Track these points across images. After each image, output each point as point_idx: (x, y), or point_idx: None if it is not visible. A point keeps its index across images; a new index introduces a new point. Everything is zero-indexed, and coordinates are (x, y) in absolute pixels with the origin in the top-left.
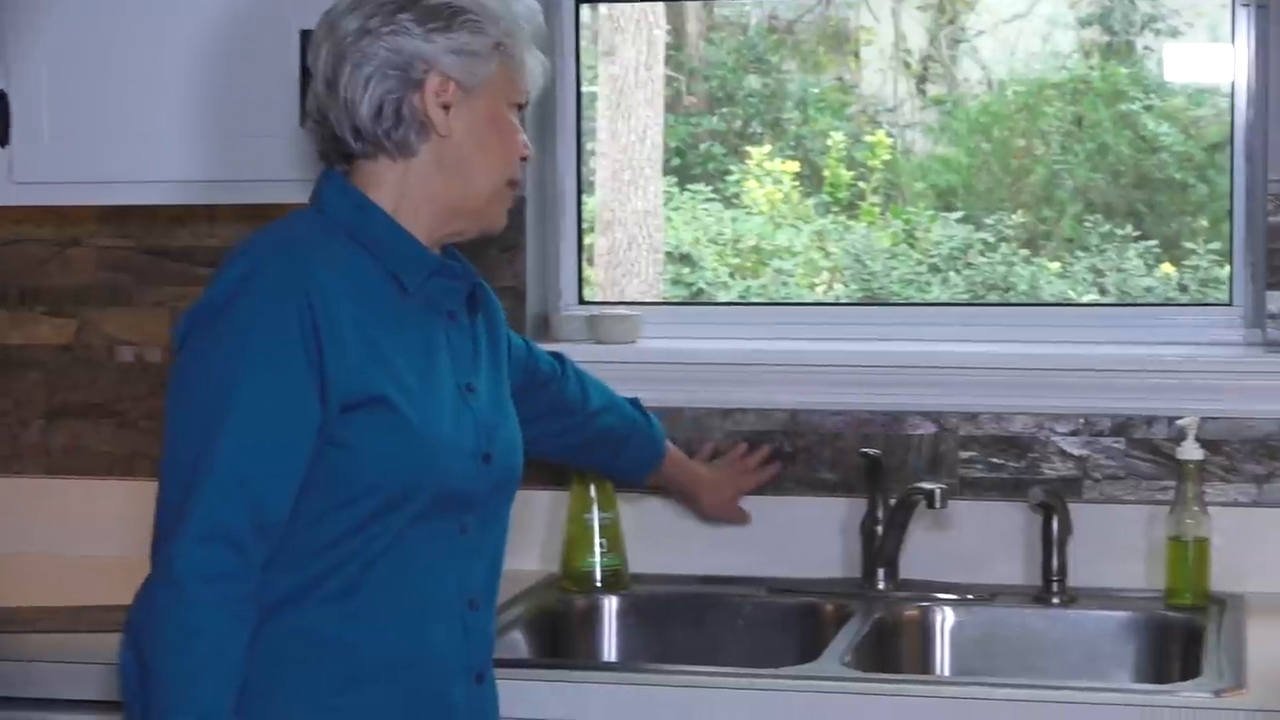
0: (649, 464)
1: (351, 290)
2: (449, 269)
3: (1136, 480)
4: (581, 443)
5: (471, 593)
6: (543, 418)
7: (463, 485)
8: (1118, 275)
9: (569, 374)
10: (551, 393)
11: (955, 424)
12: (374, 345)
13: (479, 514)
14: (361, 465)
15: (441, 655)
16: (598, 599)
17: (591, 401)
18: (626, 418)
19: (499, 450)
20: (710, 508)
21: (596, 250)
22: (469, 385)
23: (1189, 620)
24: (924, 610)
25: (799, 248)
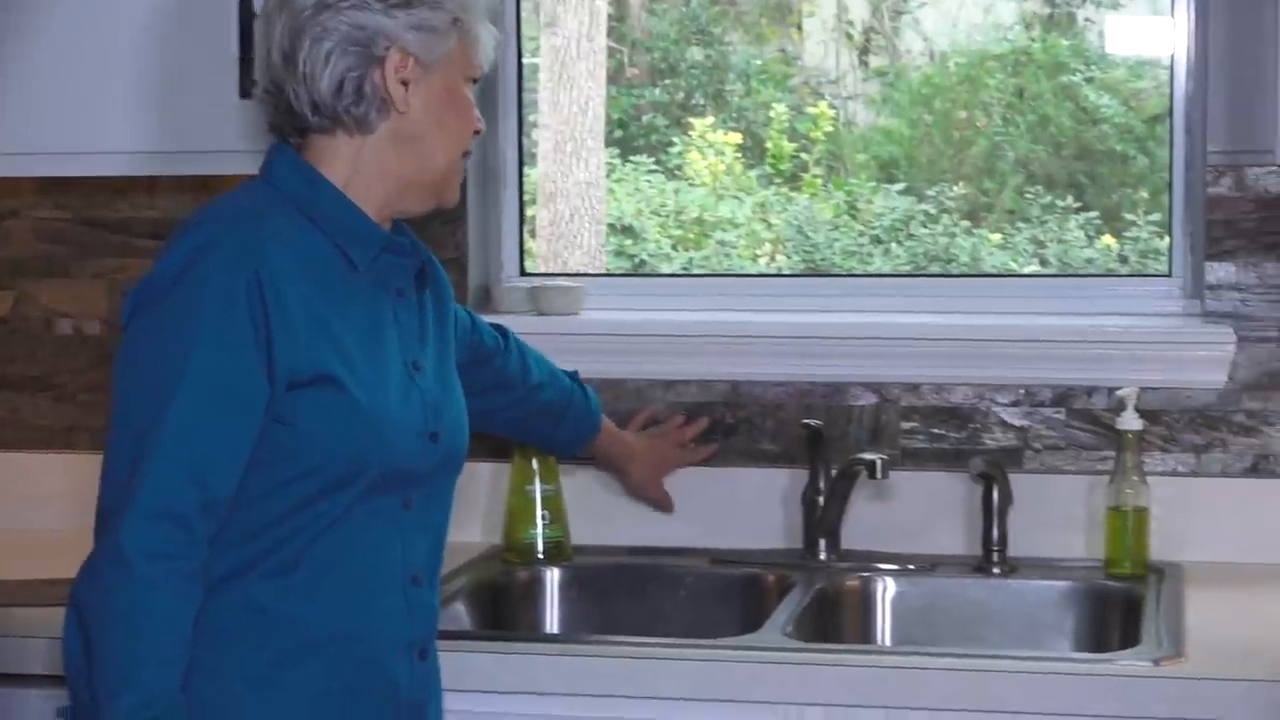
0: (584, 437)
1: (300, 266)
2: (398, 245)
3: (1076, 450)
4: (522, 416)
5: (415, 569)
6: (485, 392)
7: (409, 464)
8: (1059, 247)
9: (511, 348)
10: (494, 367)
11: (897, 395)
12: (322, 323)
13: (423, 491)
14: (307, 444)
15: (384, 631)
16: (540, 571)
17: (532, 375)
18: (565, 391)
19: (446, 429)
20: (636, 483)
21: (539, 222)
22: (416, 363)
23: (1128, 589)
24: (865, 580)
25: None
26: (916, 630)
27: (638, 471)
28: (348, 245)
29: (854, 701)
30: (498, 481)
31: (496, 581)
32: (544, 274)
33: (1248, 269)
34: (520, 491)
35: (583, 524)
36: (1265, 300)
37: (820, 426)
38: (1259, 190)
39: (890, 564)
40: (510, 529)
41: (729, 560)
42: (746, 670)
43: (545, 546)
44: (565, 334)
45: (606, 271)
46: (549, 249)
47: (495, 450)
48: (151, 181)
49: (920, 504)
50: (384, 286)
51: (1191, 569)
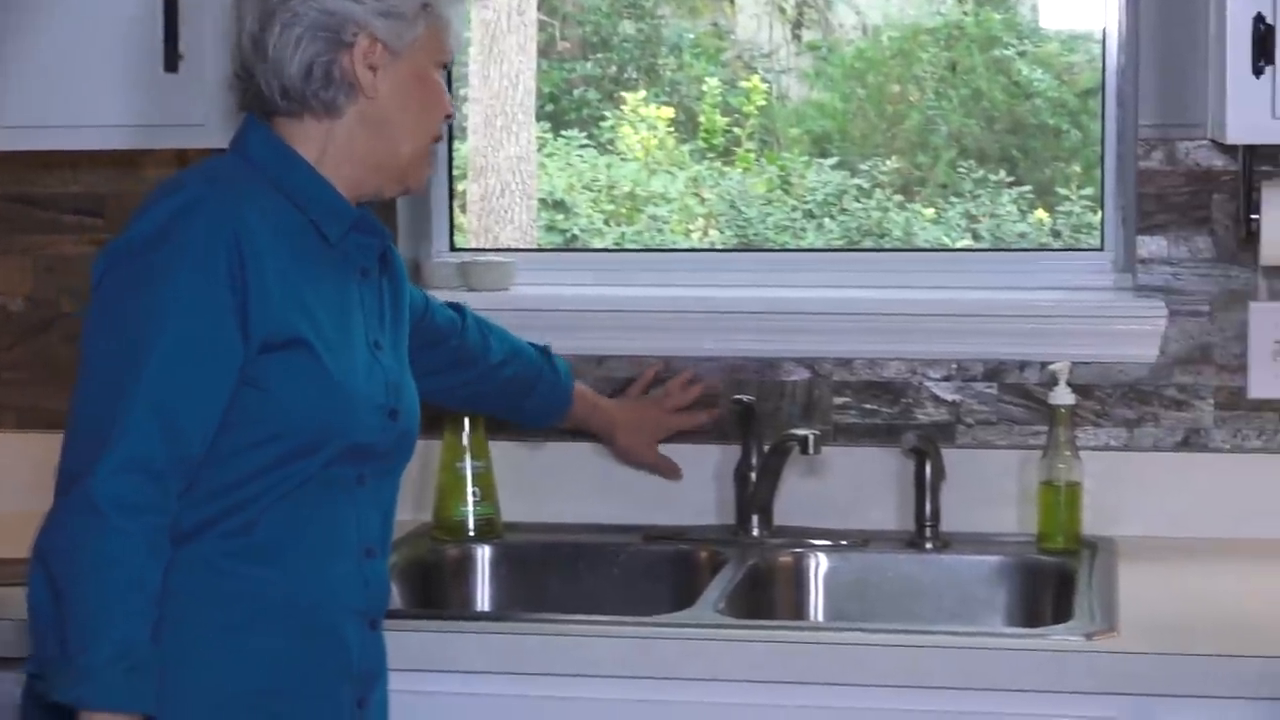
0: (556, 410)
1: (275, 234)
2: (367, 224)
3: (1009, 425)
4: (486, 393)
5: (369, 541)
6: (445, 371)
7: (370, 438)
8: (991, 221)
9: (469, 325)
10: (452, 346)
11: (829, 370)
12: (295, 290)
13: (378, 467)
14: (276, 408)
15: (339, 599)
16: (470, 548)
17: (494, 352)
18: (531, 365)
19: (404, 407)
20: (623, 452)
21: (469, 197)
22: (377, 343)
23: (1061, 564)
24: (798, 556)
25: (674, 194)
26: (849, 606)
27: (623, 439)
28: (321, 219)
29: (787, 678)
30: (428, 458)
31: (426, 559)
32: (474, 249)
33: (1179, 243)
34: (450, 468)
35: (514, 501)
36: (1196, 274)
37: (752, 402)
38: (1190, 164)
39: (823, 540)
40: (440, 506)
41: (661, 537)
42: (679, 647)
43: (476, 524)
44: (496, 310)
45: (538, 247)
46: (479, 224)
47: (425, 426)
48: (74, 157)
49: (853, 479)
50: (350, 265)
51: (1124, 543)
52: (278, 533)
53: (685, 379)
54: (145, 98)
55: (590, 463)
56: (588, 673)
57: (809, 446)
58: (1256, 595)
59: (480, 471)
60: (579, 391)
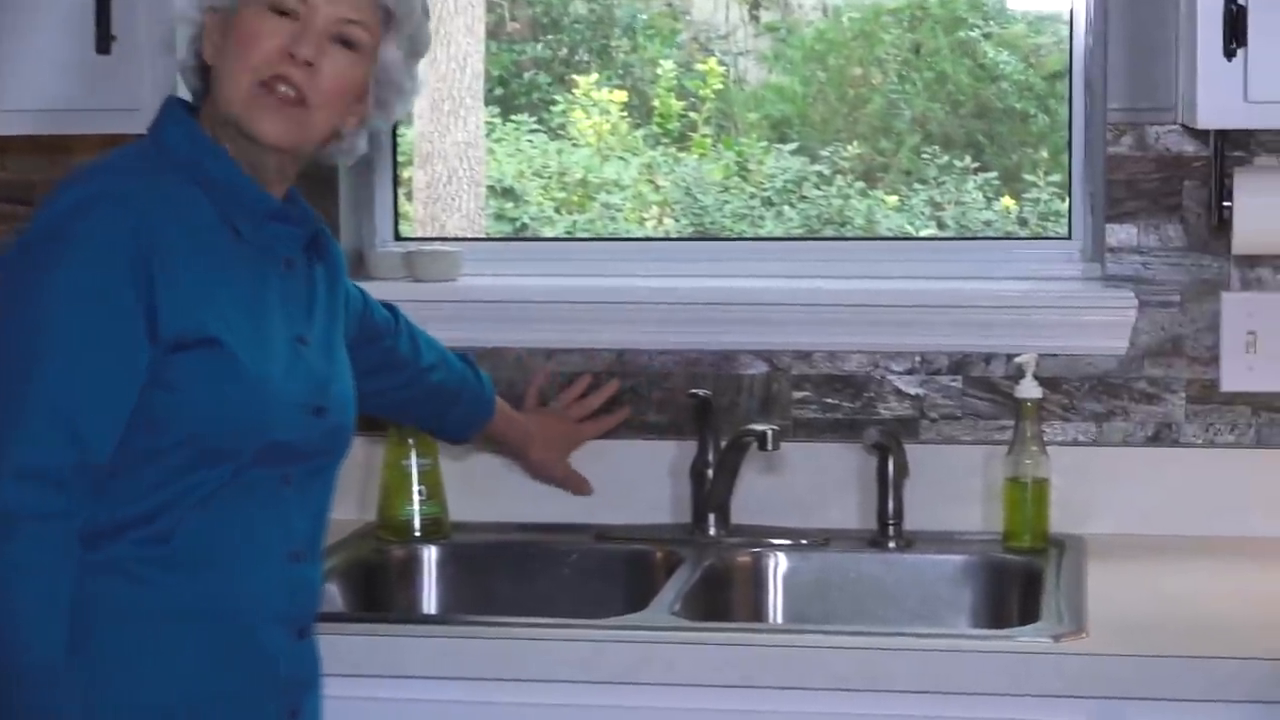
0: (477, 422)
1: (185, 230)
2: (288, 214)
3: (974, 420)
4: (411, 399)
5: (295, 545)
6: (374, 372)
7: (291, 437)
8: (956, 209)
9: (402, 328)
10: (384, 347)
11: (788, 363)
12: (207, 287)
13: (305, 467)
14: (187, 410)
15: (261, 606)
16: (416, 548)
17: (423, 357)
18: (457, 375)
19: (332, 404)
20: (537, 467)
21: (415, 184)
22: (301, 338)
23: (1028, 563)
24: (756, 556)
25: (627, 181)
26: (809, 607)
27: (536, 454)
28: (234, 213)
29: (745, 682)
30: (372, 456)
31: (370, 560)
32: (420, 239)
33: (1149, 231)
34: (395, 466)
35: (461, 499)
36: (1167, 263)
37: (709, 396)
38: (1160, 149)
39: (782, 539)
40: (385, 505)
41: (614, 537)
42: (633, 651)
43: (422, 523)
44: (442, 301)
45: (486, 236)
46: (425, 213)
47: (369, 422)
48: (4, 143)
49: (813, 476)
50: (271, 256)
51: (1093, 541)
52: (196, 539)
53: (582, 386)
54: (76, 81)
55: None
56: (538, 678)
57: (767, 442)
58: (1229, 594)
59: (426, 469)
60: (498, 404)
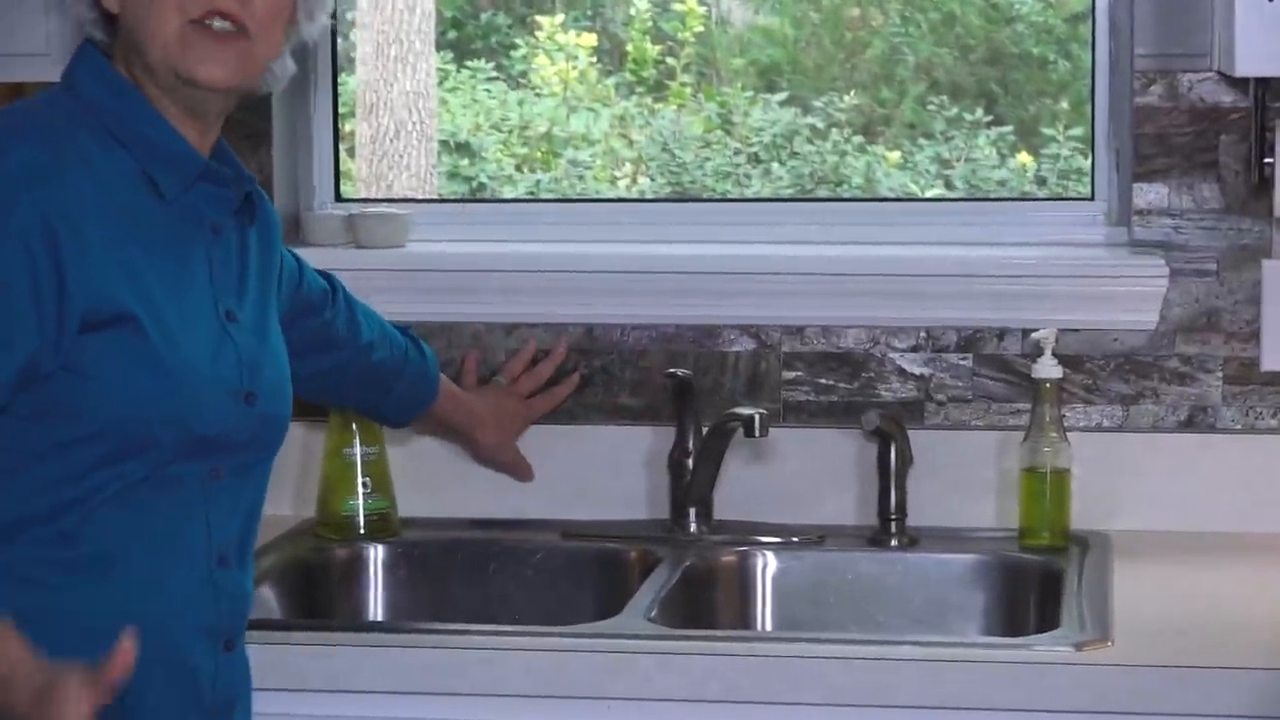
0: (419, 404)
1: (100, 191)
2: (216, 174)
3: (986, 403)
4: (348, 381)
5: (223, 547)
6: (309, 352)
7: (218, 428)
8: (966, 166)
9: (340, 301)
10: (321, 322)
11: (777, 339)
12: (123, 257)
13: (235, 460)
14: (99, 399)
15: (183, 616)
16: (361, 548)
17: (362, 334)
18: (399, 351)
19: (264, 389)
20: (487, 450)
21: (357, 139)
22: (230, 313)
23: (1046, 563)
24: (742, 555)
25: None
26: (802, 612)
27: (486, 437)
28: (155, 170)
29: (729, 696)
30: (310, 444)
31: (309, 561)
32: (363, 200)
33: (1181, 191)
34: (337, 455)
35: (411, 493)
36: (1201, 227)
37: (688, 377)
38: (1193, 100)
39: (771, 536)
40: (326, 499)
41: (583, 534)
42: (605, 662)
43: (367, 519)
44: (389, 270)
45: (438, 197)
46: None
47: (308, 406)
48: None
49: (805, 466)
50: (197, 220)
51: (1119, 539)
52: (106, 541)
53: (528, 356)
54: (32, 25)
55: None
56: (497, 692)
57: (754, 428)
58: (1271, 598)
59: (372, 458)
60: (443, 384)
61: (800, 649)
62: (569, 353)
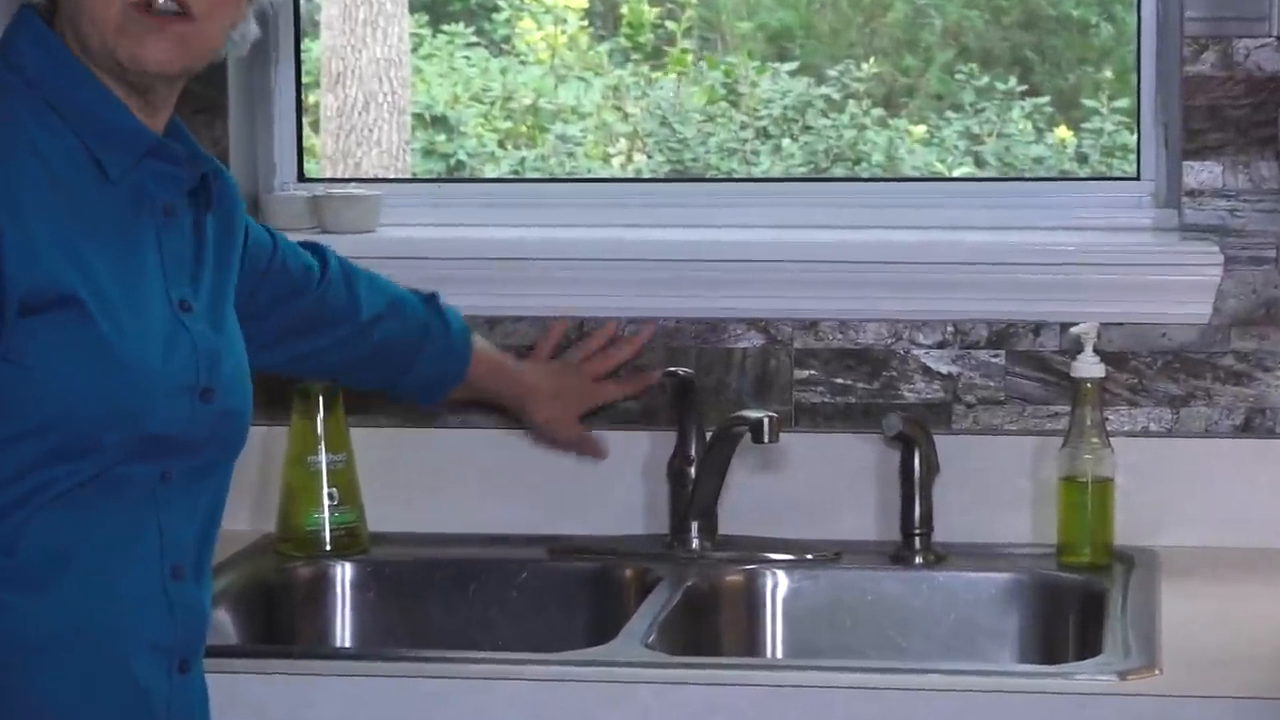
0: (450, 376)
1: (40, 169)
2: (166, 150)
3: (1020, 405)
4: (359, 358)
5: (178, 558)
6: (305, 332)
7: (172, 427)
8: (998, 142)
9: (333, 274)
10: (312, 299)
11: (789, 334)
12: (66, 240)
13: (190, 462)
14: (42, 390)
15: (133, 633)
16: (327, 566)
17: (364, 307)
18: (415, 319)
19: (222, 384)
20: (545, 424)
21: (323, 111)
22: (184, 302)
23: (1087, 583)
24: (750, 574)
25: (588, 108)
26: (817, 638)
27: (541, 412)
28: (99, 147)
29: None
30: (271, 449)
31: (269, 580)
32: (330, 179)
33: (1236, 170)
34: (299, 463)
35: (383, 504)
36: (1259, 210)
37: (690, 376)
38: (1250, 69)
39: (782, 553)
40: (287, 512)
41: (573, 550)
42: (598, 692)
43: (333, 534)
44: (357, 257)
45: (412, 176)
46: (336, 147)
47: (267, 409)
48: None
49: (820, 475)
50: (147, 202)
51: (1167, 556)
52: (48, 550)
53: (607, 334)
54: None
55: (481, 453)
56: None
57: (763, 433)
58: None
59: (339, 466)
60: (479, 350)
61: (815, 678)
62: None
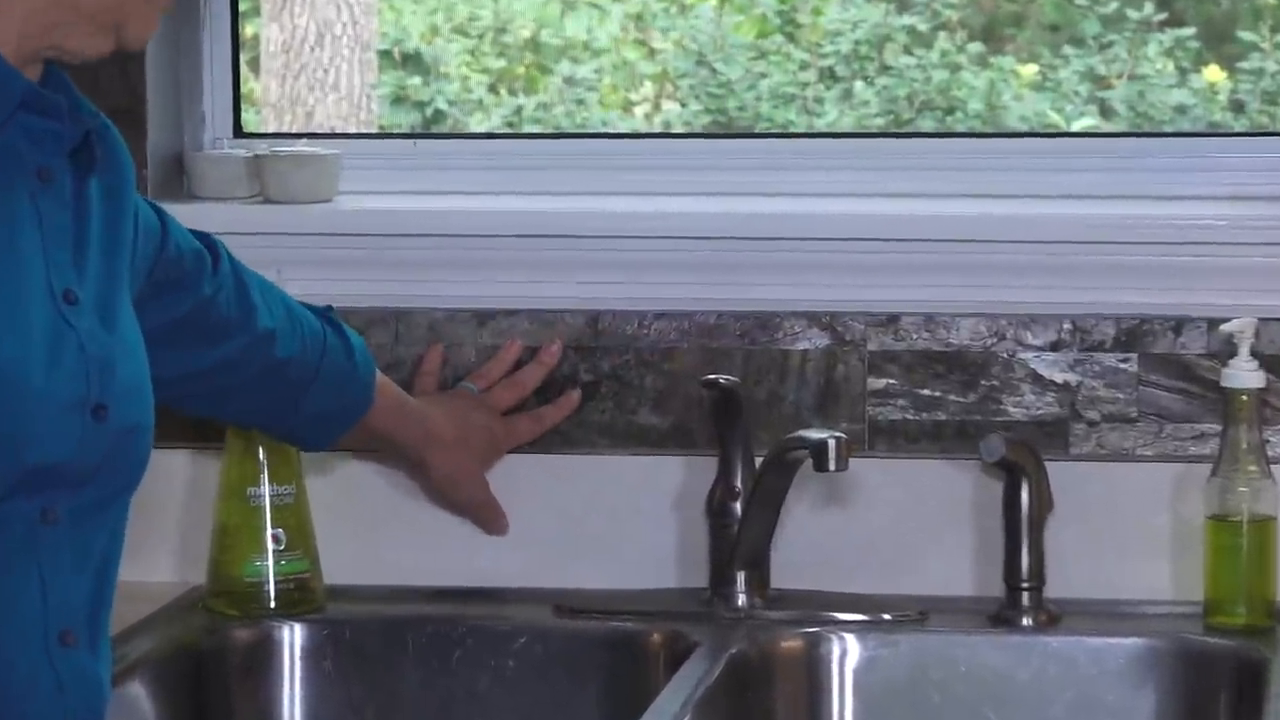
0: (347, 416)
1: None
2: (47, 103)
3: (1156, 423)
4: (242, 385)
5: (65, 620)
6: (181, 345)
7: (55, 455)
8: (1130, 86)
9: (224, 272)
10: (197, 301)
11: (861, 332)
12: None
13: (79, 497)
14: None
15: (13, 712)
16: (271, 628)
17: (259, 318)
18: (313, 343)
19: (117, 397)
20: (442, 480)
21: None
22: (69, 292)
23: (1242, 650)
24: (811, 640)
25: (603, 43)
26: (896, 719)
27: (442, 463)
28: None
29: None
30: (200, 480)
31: (199, 646)
32: (274, 135)
33: None
34: (237, 497)
35: (342, 549)
36: None
37: (734, 386)
38: None
39: (852, 612)
40: (221, 560)
41: (585, 609)
42: None
43: (280, 588)
44: (308, 234)
45: (379, 131)
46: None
47: (195, 428)
48: None
49: (901, 512)
50: (18, 165)
51: None
52: None
53: (509, 356)
54: None
55: None
56: None
57: (828, 458)
58: None
59: (286, 502)
60: (381, 386)
61: None
62: (566, 353)
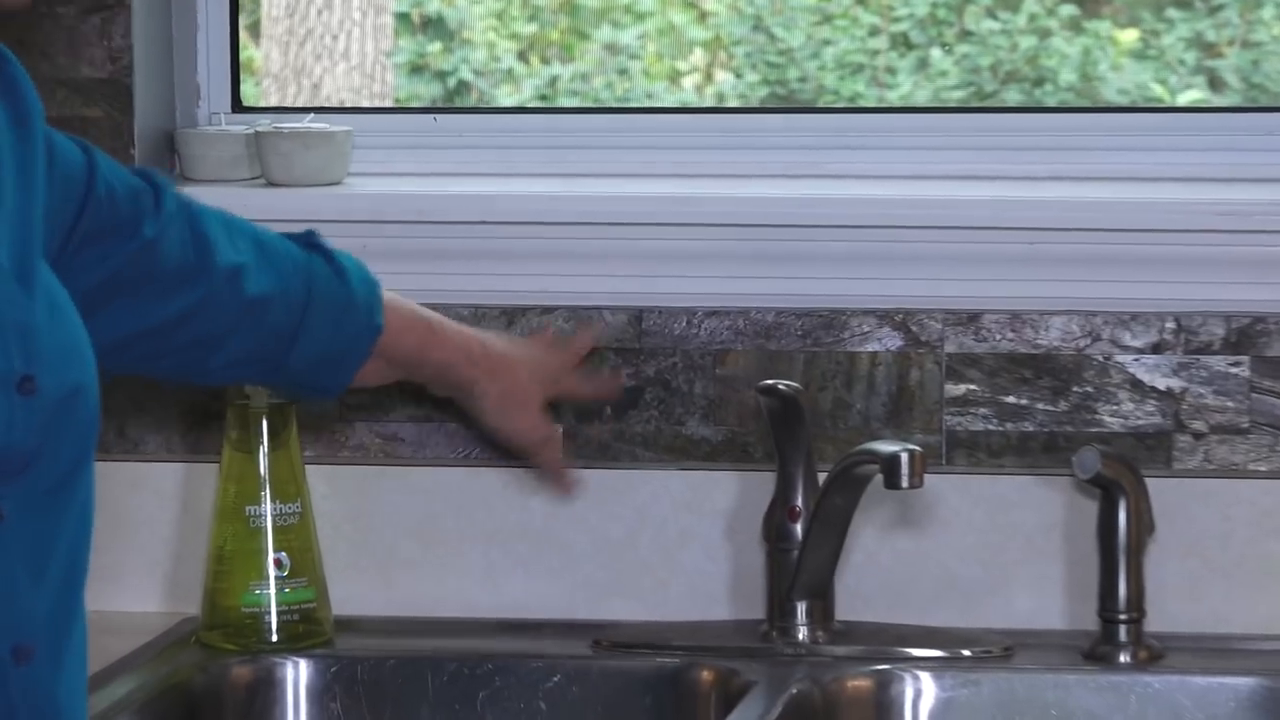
0: (358, 346)
1: None
2: None
3: (1272, 435)
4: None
5: (20, 634)
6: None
7: None
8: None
9: (168, 211)
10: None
11: (938, 332)
12: None
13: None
14: None
15: None
16: (274, 665)
17: (219, 254)
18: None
19: (45, 364)
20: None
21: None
22: None
23: None
24: (881, 678)
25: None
26: None
27: (497, 382)
28: None
29: None
30: (192, 496)
31: (192, 684)
32: (276, 109)
33: None
34: (235, 516)
35: (353, 575)
36: None
37: (795, 393)
38: None
39: (927, 647)
40: (217, 588)
41: (627, 645)
42: None
43: (283, 618)
44: (315, 221)
45: (395, 105)
46: (285, 62)
47: (186, 433)
48: None
49: (983, 535)
50: None
51: None
52: None
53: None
54: None
55: (493, 500)
56: None
57: (901, 474)
58: None
59: (290, 522)
60: (393, 306)
61: None
62: (606, 355)
